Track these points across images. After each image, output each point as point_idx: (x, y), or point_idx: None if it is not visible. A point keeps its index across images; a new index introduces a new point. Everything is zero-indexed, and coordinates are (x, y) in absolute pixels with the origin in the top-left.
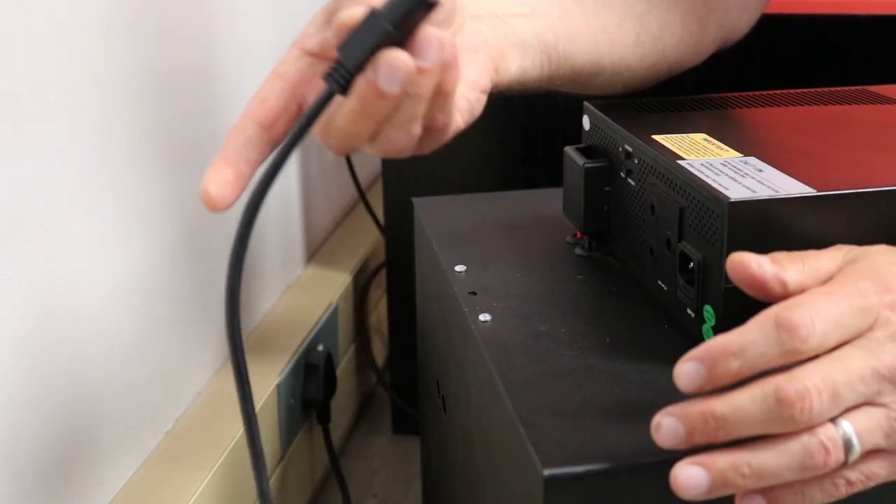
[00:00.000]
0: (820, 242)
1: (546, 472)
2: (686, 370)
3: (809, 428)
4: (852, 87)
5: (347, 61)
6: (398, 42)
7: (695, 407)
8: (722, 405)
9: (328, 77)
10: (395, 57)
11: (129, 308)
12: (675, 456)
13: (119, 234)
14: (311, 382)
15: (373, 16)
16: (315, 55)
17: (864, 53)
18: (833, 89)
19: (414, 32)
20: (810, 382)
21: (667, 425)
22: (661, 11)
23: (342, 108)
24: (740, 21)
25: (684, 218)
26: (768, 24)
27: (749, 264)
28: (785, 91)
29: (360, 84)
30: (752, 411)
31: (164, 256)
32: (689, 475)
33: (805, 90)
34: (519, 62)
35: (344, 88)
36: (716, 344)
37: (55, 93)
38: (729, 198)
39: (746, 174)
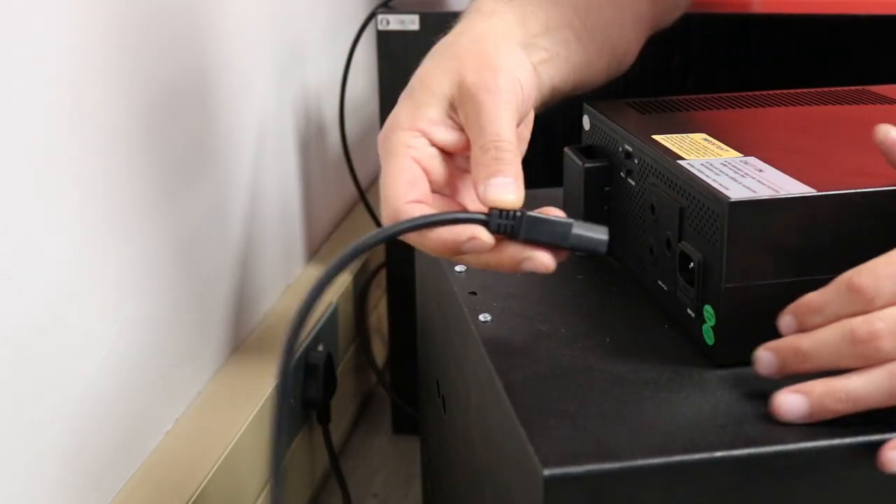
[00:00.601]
0: (820, 242)
1: (546, 472)
2: (783, 322)
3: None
4: (852, 87)
5: (520, 231)
6: None
7: (786, 342)
8: (806, 341)
9: (497, 217)
10: (548, 266)
11: (129, 308)
12: (676, 458)
13: (119, 234)
14: (311, 382)
15: (570, 233)
16: (441, 148)
17: (864, 53)
18: (833, 89)
19: None
20: (882, 324)
21: (765, 357)
22: (630, 32)
23: (478, 245)
24: (671, 22)
25: (684, 218)
26: (768, 24)
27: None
28: (785, 91)
29: (509, 251)
30: (831, 347)
31: (164, 256)
32: (789, 401)
33: (805, 90)
34: None
35: (491, 232)
36: (803, 301)
37: (55, 93)
38: (729, 198)
39: (746, 174)
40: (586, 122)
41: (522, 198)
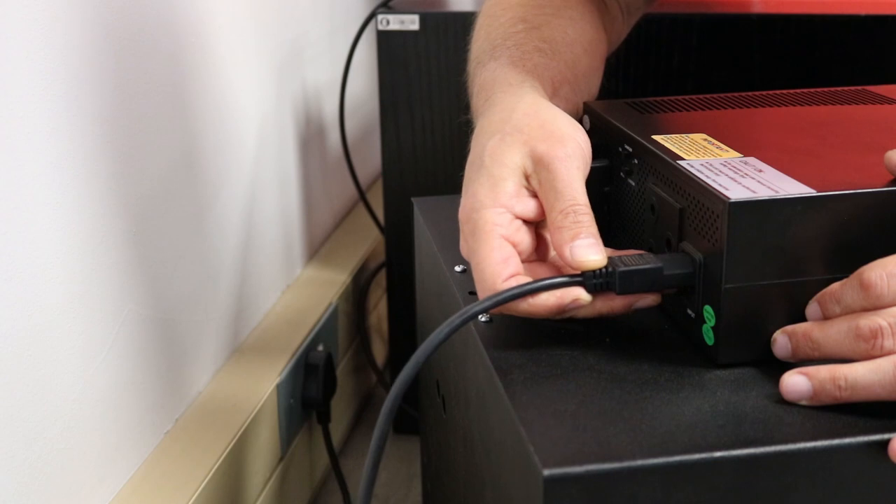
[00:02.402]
0: (820, 243)
1: (546, 472)
2: (809, 309)
3: None
4: (852, 87)
5: (616, 288)
6: None
7: (801, 328)
8: (818, 332)
9: (591, 277)
10: (657, 302)
11: (129, 307)
12: (676, 458)
13: (120, 234)
14: (311, 382)
15: (662, 276)
16: (527, 220)
17: (864, 53)
18: (833, 89)
19: None
20: (884, 322)
21: (780, 342)
22: (599, 74)
23: (581, 301)
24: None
25: (684, 218)
26: (768, 24)
27: None
28: (785, 91)
29: (618, 301)
30: (839, 340)
31: (164, 257)
32: (794, 381)
33: (805, 90)
34: None
35: (589, 292)
36: (827, 291)
37: (55, 93)
38: (729, 198)
39: (746, 174)
40: (586, 122)
41: (605, 257)
